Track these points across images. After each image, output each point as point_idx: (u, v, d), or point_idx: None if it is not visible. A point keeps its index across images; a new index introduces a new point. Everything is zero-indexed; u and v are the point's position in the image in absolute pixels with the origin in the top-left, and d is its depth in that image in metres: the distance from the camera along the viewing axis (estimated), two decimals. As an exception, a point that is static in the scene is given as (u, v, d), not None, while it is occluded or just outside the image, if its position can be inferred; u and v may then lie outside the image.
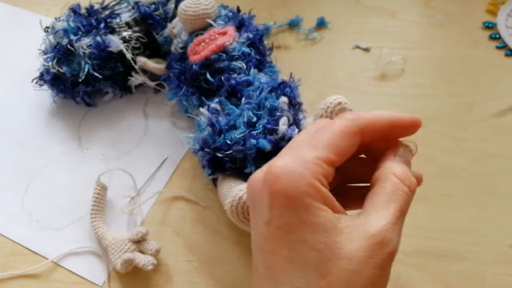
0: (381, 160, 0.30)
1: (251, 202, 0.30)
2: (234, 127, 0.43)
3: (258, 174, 0.29)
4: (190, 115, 0.50)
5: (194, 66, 0.49)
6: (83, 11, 0.55)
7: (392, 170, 0.29)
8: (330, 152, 0.28)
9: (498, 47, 0.59)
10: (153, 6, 0.56)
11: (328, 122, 0.31)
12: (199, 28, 0.52)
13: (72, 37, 0.52)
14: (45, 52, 0.53)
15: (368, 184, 0.30)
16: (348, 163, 0.30)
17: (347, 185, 0.34)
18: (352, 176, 0.33)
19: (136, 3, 0.56)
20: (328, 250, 0.26)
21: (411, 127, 0.31)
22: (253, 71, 0.48)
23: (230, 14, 0.53)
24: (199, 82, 0.49)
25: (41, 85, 0.55)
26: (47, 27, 0.54)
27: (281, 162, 0.27)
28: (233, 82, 0.47)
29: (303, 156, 0.27)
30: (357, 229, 0.26)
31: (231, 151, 0.42)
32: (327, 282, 0.25)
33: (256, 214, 0.29)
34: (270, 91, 0.45)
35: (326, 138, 0.28)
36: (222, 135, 0.43)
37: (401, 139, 0.31)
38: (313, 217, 0.26)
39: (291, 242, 0.26)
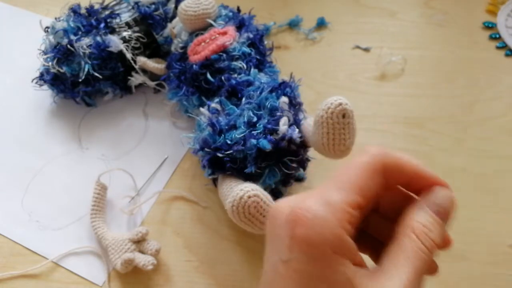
0: (409, 207, 0.27)
1: (270, 232, 0.28)
2: (234, 127, 0.43)
3: (283, 206, 0.27)
4: (190, 115, 0.50)
5: (194, 66, 0.49)
6: (83, 11, 0.55)
7: (412, 224, 0.26)
8: (356, 194, 0.26)
9: (498, 47, 0.59)
10: (153, 6, 0.56)
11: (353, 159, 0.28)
12: (199, 28, 0.52)
13: (72, 37, 0.52)
14: (45, 52, 0.53)
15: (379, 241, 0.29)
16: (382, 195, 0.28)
17: (365, 231, 0.32)
18: (385, 208, 0.31)
19: (136, 3, 0.56)
20: None
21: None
22: (253, 71, 0.48)
23: (230, 14, 0.53)
24: (199, 82, 0.49)
25: (41, 85, 0.55)
26: (47, 27, 0.54)
27: (307, 203, 0.25)
28: (233, 82, 0.47)
29: (329, 199, 0.25)
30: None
31: (231, 151, 0.42)
32: None
33: (273, 247, 0.27)
34: (271, 91, 0.45)
35: (351, 177, 0.26)
36: (223, 135, 0.43)
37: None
38: (331, 272, 0.25)
39: None
